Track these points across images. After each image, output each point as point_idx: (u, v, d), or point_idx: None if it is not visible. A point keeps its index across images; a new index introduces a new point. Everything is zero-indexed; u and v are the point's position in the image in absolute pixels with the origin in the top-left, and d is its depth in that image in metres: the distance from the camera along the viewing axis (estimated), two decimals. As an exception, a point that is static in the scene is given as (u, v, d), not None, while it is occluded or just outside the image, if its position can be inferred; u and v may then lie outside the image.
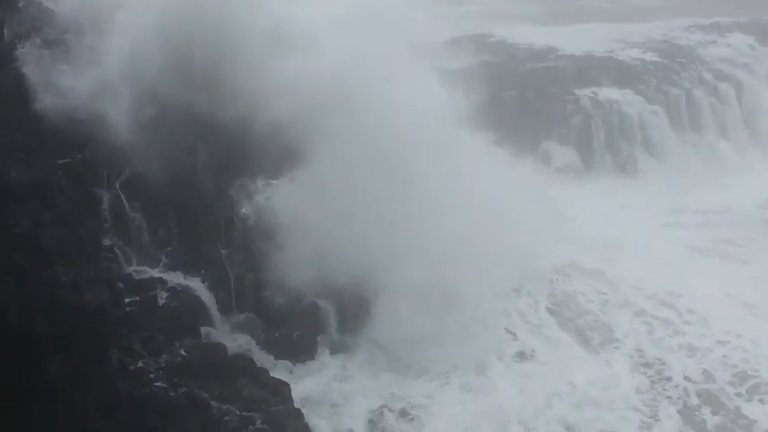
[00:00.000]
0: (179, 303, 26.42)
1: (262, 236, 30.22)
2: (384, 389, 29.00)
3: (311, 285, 29.99)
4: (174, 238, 28.86)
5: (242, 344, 28.13)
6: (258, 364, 26.45)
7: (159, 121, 30.26)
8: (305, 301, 30.13)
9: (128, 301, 25.17)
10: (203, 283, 28.11)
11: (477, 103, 45.26)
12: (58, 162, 25.87)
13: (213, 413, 23.80)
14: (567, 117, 49.39)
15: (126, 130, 29.03)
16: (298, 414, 24.96)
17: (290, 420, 24.66)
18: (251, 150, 31.04)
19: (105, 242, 25.85)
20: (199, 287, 27.79)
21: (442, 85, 41.00)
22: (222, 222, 30.31)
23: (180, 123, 30.59)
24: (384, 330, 30.61)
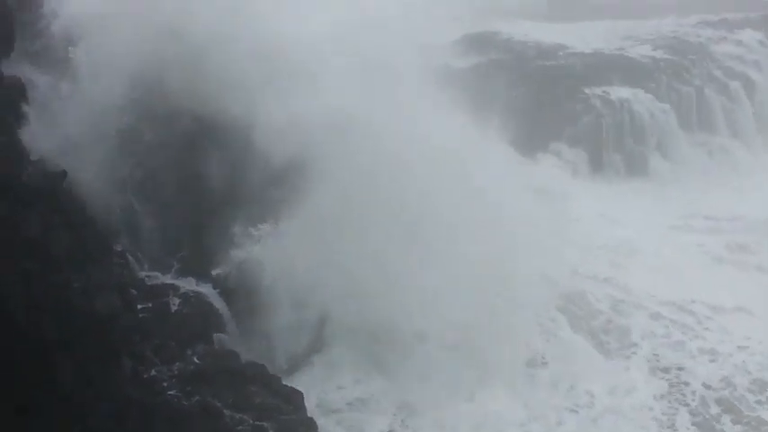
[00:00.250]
0: (191, 310, 26.00)
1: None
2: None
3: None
4: (186, 244, 28.41)
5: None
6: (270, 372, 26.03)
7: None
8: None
9: (140, 307, 24.75)
10: (215, 289, 27.67)
11: (485, 102, 45.07)
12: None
13: (226, 421, 23.37)
14: (577, 116, 48.97)
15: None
16: (311, 423, 24.55)
17: (302, 429, 24.26)
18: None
19: (117, 247, 25.41)
20: (211, 293, 27.36)
21: (449, 86, 40.92)
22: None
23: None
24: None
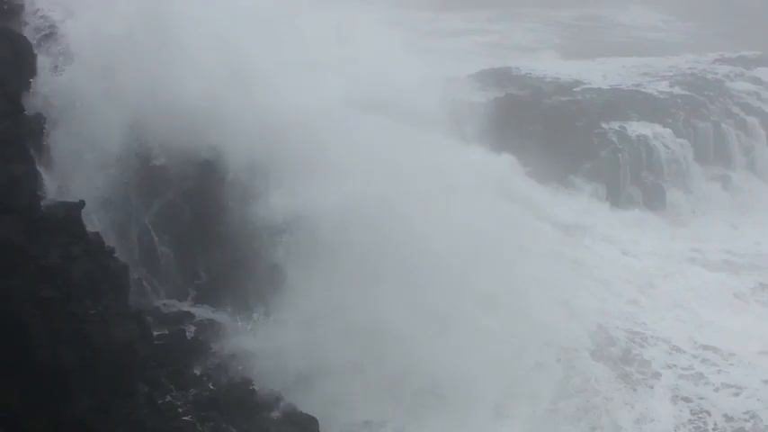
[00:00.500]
0: (207, 337, 26.22)
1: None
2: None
3: None
4: (203, 271, 28.72)
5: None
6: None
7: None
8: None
9: (156, 334, 25.00)
10: (231, 317, 27.89)
11: (503, 137, 45.46)
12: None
13: (240, 448, 23.52)
14: (595, 151, 49.06)
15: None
16: (325, 450, 24.63)
17: (317, 456, 24.34)
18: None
19: (134, 275, 25.74)
20: (226, 320, 27.56)
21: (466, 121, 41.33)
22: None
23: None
24: None
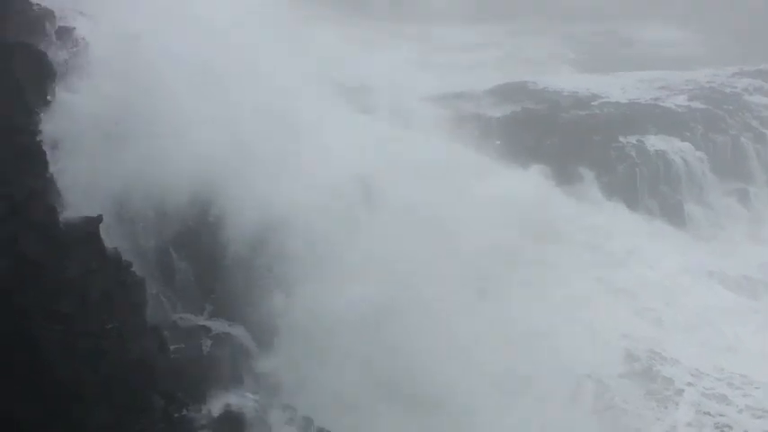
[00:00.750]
0: (223, 351, 26.27)
1: None
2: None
3: None
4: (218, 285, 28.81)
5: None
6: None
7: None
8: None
9: (172, 348, 25.08)
10: (247, 331, 27.93)
11: (520, 151, 45.59)
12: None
13: (255, 463, 23.56)
14: (612, 165, 48.93)
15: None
16: (341, 466, 24.62)
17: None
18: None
19: (151, 290, 25.85)
20: (243, 335, 27.61)
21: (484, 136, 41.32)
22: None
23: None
24: None
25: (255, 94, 32.17)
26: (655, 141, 50.64)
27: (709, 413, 30.78)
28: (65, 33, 28.80)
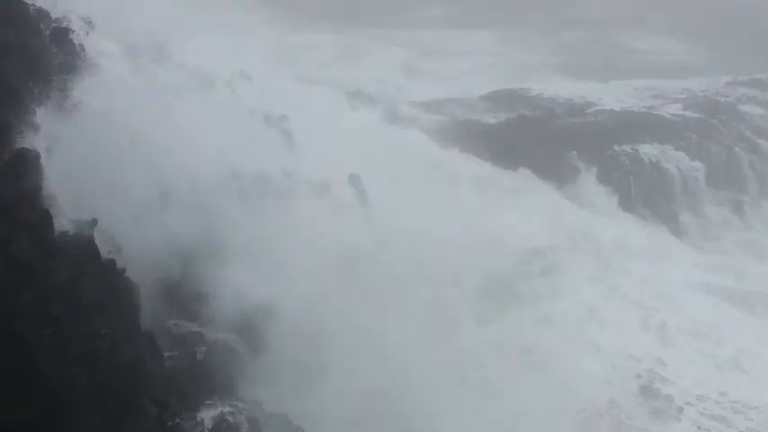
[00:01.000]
0: (217, 358, 26.01)
1: None
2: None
3: None
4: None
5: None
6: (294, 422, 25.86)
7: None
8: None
9: (166, 355, 24.79)
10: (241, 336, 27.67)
11: (514, 157, 45.56)
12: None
13: (249, 472, 23.29)
14: (607, 173, 48.85)
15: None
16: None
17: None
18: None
19: (145, 295, 25.54)
20: (236, 342, 27.34)
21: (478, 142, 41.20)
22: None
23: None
24: None
25: None
26: (649, 150, 50.60)
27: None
28: (59, 34, 28.54)
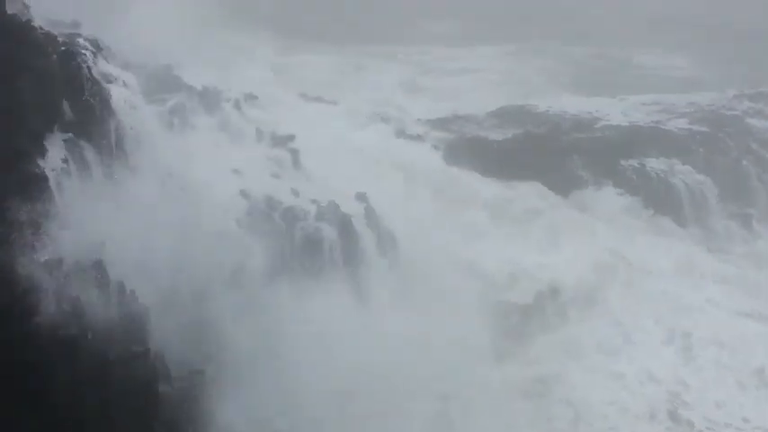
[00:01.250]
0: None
1: None
2: None
3: None
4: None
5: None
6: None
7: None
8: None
9: (175, 376, 24.91)
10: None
11: (521, 174, 45.61)
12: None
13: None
14: (614, 188, 48.77)
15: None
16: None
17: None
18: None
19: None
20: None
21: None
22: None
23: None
24: None
25: None
26: (656, 164, 50.51)
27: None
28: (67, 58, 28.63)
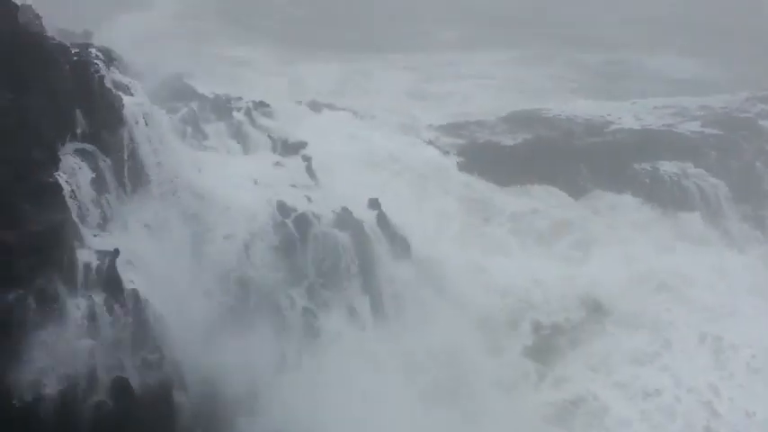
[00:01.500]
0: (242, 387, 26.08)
1: None
2: None
3: None
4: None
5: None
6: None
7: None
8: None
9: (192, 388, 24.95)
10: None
11: (532, 179, 45.54)
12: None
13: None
14: (627, 191, 48.61)
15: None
16: None
17: None
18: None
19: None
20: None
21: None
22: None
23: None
24: None
25: None
26: (669, 167, 50.28)
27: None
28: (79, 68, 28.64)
